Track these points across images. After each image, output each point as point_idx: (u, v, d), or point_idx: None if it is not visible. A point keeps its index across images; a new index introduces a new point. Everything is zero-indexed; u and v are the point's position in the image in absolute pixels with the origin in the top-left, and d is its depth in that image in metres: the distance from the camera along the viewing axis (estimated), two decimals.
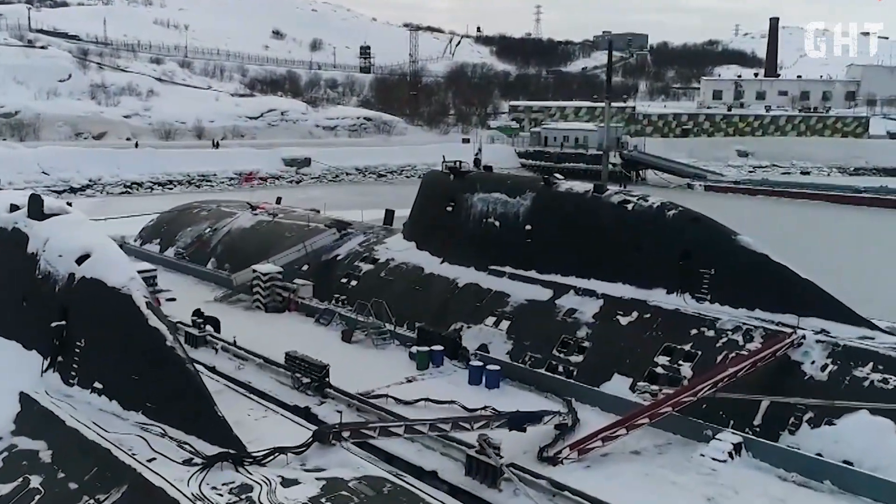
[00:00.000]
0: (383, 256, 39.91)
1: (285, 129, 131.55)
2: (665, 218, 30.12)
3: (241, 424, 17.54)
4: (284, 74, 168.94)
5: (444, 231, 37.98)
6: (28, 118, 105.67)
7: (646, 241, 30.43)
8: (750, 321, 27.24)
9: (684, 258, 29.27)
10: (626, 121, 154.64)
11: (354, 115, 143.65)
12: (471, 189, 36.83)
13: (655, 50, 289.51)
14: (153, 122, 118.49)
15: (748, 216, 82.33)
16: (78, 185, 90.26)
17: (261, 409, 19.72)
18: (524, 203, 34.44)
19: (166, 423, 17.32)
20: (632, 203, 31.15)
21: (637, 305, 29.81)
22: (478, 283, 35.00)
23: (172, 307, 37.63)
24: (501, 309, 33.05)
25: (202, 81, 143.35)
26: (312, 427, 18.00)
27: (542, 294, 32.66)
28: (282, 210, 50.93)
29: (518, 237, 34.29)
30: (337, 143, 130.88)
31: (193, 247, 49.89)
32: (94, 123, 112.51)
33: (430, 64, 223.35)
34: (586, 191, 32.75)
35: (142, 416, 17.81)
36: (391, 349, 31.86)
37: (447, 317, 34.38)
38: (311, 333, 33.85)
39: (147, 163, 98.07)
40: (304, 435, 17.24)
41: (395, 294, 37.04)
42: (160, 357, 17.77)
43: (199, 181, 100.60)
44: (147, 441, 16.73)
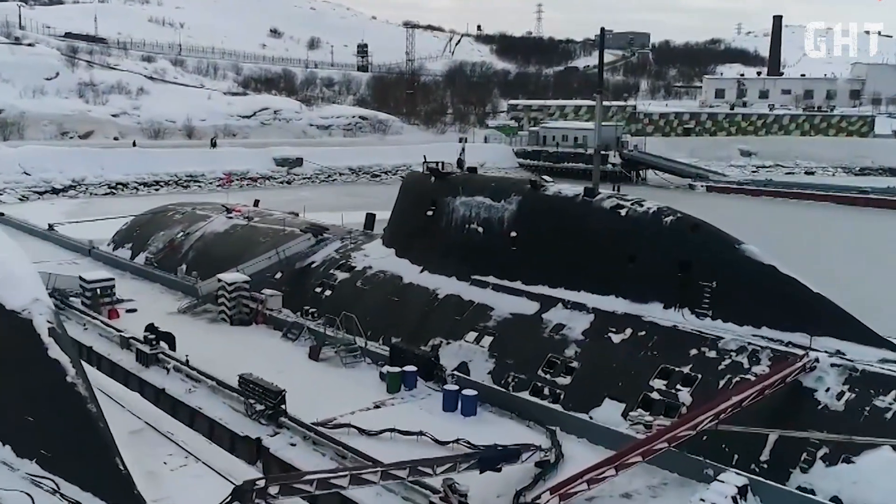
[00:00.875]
0: (360, 264, 37.14)
1: (278, 128, 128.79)
2: (662, 225, 27.30)
3: (153, 477, 14.87)
4: (280, 73, 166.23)
5: (425, 237, 35.21)
6: (12, 117, 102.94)
7: (641, 251, 27.63)
8: (756, 341, 24.42)
9: (683, 269, 26.45)
10: (626, 120, 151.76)
11: (349, 113, 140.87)
12: (453, 192, 34.05)
13: (657, 49, 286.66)
14: (142, 121, 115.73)
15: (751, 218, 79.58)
16: (60, 186, 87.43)
17: (181, 455, 16.98)
18: (509, 208, 31.65)
19: (61, 476, 14.59)
20: (625, 208, 28.35)
21: (631, 321, 27.00)
22: (459, 294, 32.21)
23: (132, 319, 35.00)
24: (484, 323, 30.26)
25: (194, 80, 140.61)
26: (236, 480, 15.21)
27: (527, 307, 29.87)
28: (258, 213, 48.17)
29: (502, 245, 31.50)
30: (331, 143, 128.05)
31: (164, 252, 47.12)
32: (81, 122, 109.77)
33: (429, 63, 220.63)
34: (576, 194, 29.95)
35: (35, 465, 15.05)
36: (361, 368, 29.06)
37: (425, 331, 31.61)
38: (277, 350, 31.07)
39: (133, 163, 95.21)
40: (225, 490, 14.48)
41: (370, 306, 34.30)
42: (58, 394, 14.99)
43: (187, 181, 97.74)
44: (33, 500, 13.96)
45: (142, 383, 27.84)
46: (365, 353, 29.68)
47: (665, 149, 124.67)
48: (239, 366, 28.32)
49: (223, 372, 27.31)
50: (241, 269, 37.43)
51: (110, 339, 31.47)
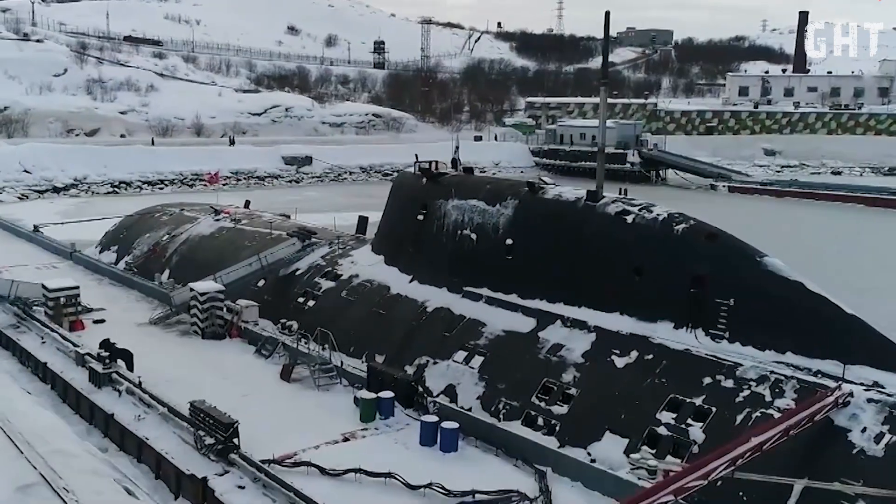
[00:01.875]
0: (347, 272, 34.24)
1: (289, 125, 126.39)
2: (673, 233, 24.12)
3: None
4: (294, 70, 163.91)
5: (415, 244, 32.26)
6: (17, 114, 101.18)
7: (648, 263, 24.46)
8: (779, 369, 21.20)
9: (696, 285, 23.26)
10: (647, 118, 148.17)
11: (363, 111, 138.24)
12: (445, 195, 31.03)
13: (680, 46, 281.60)
14: (150, 119, 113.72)
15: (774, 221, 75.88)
16: (62, 185, 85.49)
17: None
18: (504, 212, 28.58)
19: None
20: (632, 214, 25.18)
21: (637, 343, 23.85)
22: (449, 307, 29.19)
23: (97, 331, 32.31)
24: (474, 341, 27.22)
25: (206, 77, 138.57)
26: None
27: (523, 324, 26.79)
28: (247, 215, 45.43)
29: (497, 253, 28.45)
30: (343, 141, 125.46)
31: (147, 256, 44.54)
32: (87, 119, 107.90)
33: (447, 60, 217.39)
34: (577, 198, 26.82)
35: None
36: (336, 391, 26.13)
37: (411, 349, 28.64)
38: (247, 368, 28.22)
39: (137, 161, 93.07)
40: None
41: (354, 319, 31.42)
42: None
43: (192, 180, 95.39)
44: None
45: (92, 407, 25.08)
46: (341, 373, 26.74)
47: (686, 148, 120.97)
48: (201, 387, 25.68)
49: (182, 394, 24.53)
50: (219, 277, 34.67)
51: (67, 354, 28.74)
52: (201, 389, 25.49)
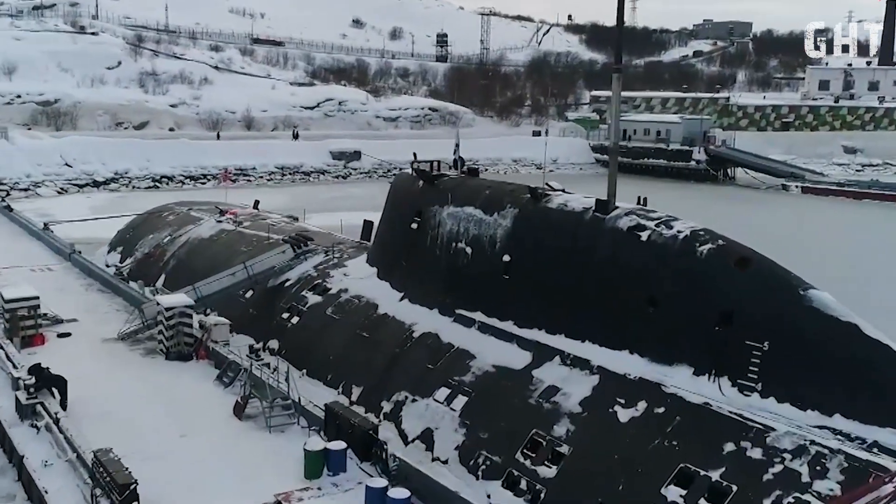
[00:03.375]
0: (336, 286, 30.33)
1: (341, 119, 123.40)
2: (695, 255, 19.34)
3: None
4: (353, 63, 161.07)
5: (408, 256, 28.12)
6: (66, 106, 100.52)
7: (665, 291, 19.77)
8: (823, 438, 16.35)
9: (723, 322, 18.50)
10: (717, 113, 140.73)
11: (419, 105, 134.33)
12: (441, 200, 26.78)
13: (759, 38, 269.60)
14: (200, 112, 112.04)
15: (848, 227, 69.22)
16: (102, 179, 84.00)
17: None
18: (502, 223, 24.17)
19: None
20: (648, 230, 20.49)
21: (647, 391, 19.22)
22: (437, 333, 24.97)
23: (58, 347, 29.16)
24: (460, 377, 22.92)
25: (262, 70, 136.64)
26: None
27: (516, 358, 22.39)
28: (252, 217, 41.95)
29: (493, 271, 24.08)
30: (397, 136, 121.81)
31: (145, 259, 41.55)
32: (136, 112, 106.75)
33: (513, 53, 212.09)
34: (585, 208, 22.20)
35: None
36: (292, 434, 22.15)
37: (391, 381, 24.55)
38: (200, 400, 24.48)
39: (180, 155, 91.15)
40: None
41: (336, 340, 27.54)
42: None
43: (236, 175, 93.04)
44: None
45: (10, 445, 21.71)
46: (300, 411, 22.76)
47: (759, 144, 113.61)
48: (137, 424, 22.25)
49: (108, 434, 21.02)
50: (197, 288, 31.18)
51: (7, 375, 25.53)
52: (135, 427, 22.08)
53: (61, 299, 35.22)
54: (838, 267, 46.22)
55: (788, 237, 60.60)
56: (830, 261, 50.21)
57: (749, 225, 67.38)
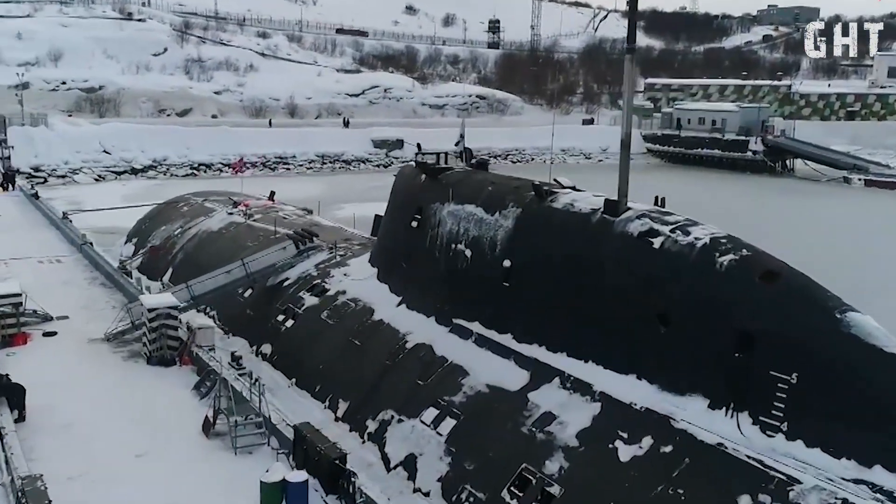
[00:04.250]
0: (335, 287, 28.10)
1: (386, 107, 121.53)
2: (714, 268, 16.48)
3: None
4: (402, 50, 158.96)
5: (407, 257, 25.70)
6: (110, 93, 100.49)
7: (679, 307, 16.97)
8: (858, 495, 13.46)
9: (744, 347, 15.65)
10: (779, 101, 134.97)
11: (466, 92, 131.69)
12: (442, 197, 24.28)
13: (827, 23, 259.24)
14: (244, 99, 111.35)
15: None
16: (140, 166, 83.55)
17: None
18: (503, 224, 21.56)
19: None
20: (661, 236, 17.67)
21: (653, 424, 16.49)
22: (431, 345, 22.51)
23: (41, 347, 27.48)
24: (450, 397, 20.44)
25: (308, 56, 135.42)
26: None
27: (512, 378, 19.81)
28: (265, 209, 39.99)
29: (493, 278, 21.50)
30: (442, 124, 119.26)
31: (154, 252, 39.97)
32: (180, 99, 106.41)
33: (567, 40, 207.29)
34: (593, 209, 19.45)
35: None
36: (260, 456, 19.87)
37: (378, 397, 22.22)
38: (171, 412, 22.39)
39: (220, 143, 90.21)
40: None
41: (327, 348, 25.33)
42: None
43: (275, 164, 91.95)
44: None
45: None
46: (272, 431, 20.53)
47: (821, 134, 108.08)
48: (93, 440, 20.30)
49: (60, 453, 19.21)
50: (191, 286, 29.24)
51: None
52: (92, 443, 20.16)
53: (60, 294, 33.76)
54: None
55: (845, 235, 56.57)
56: (892, 265, 46.35)
57: (802, 220, 63.42)
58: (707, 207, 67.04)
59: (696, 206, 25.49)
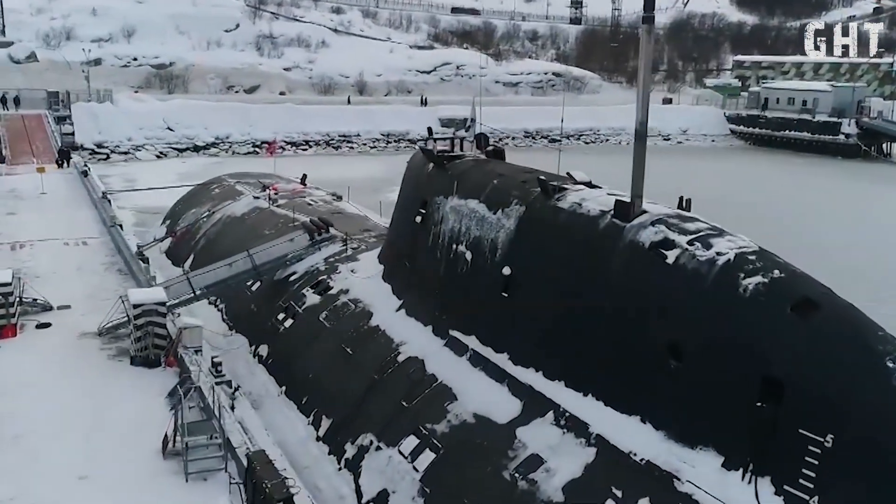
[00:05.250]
0: (338, 285, 25.58)
1: (458, 84, 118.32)
2: (737, 292, 13.16)
3: None
4: (479, 25, 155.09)
5: (410, 256, 22.96)
6: (179, 69, 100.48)
7: (692, 339, 13.74)
8: None
9: (769, 396, 12.37)
10: (879, 80, 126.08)
11: (541, 69, 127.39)
12: (447, 189, 21.40)
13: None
14: (313, 76, 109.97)
15: None
16: (202, 144, 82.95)
17: None
18: (506, 224, 18.55)
19: None
20: (677, 248, 14.40)
21: (654, 483, 13.38)
22: (423, 360, 19.75)
23: (30, 340, 25.83)
24: (433, 424, 17.66)
25: (382, 33, 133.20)
26: None
27: (503, 407, 16.89)
28: (293, 193, 37.77)
29: (492, 286, 18.55)
30: (515, 102, 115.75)
31: (181, 237, 38.31)
32: (249, 76, 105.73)
33: (655, 14, 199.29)
34: (603, 211, 16.24)
35: None
36: (213, 484, 17.46)
37: (361, 416, 19.64)
38: (134, 425, 20.20)
39: (284, 121, 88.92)
40: None
41: (319, 354, 22.87)
42: None
43: (339, 142, 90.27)
44: None
45: None
46: (232, 454, 18.13)
47: None
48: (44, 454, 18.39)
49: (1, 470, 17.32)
50: (191, 279, 27.19)
51: None
52: (37, 460, 18.12)
53: (72, 280, 32.27)
54: None
55: None
56: None
57: (886, 213, 57.76)
58: (780, 198, 62.06)
59: (769, 195, 22.32)
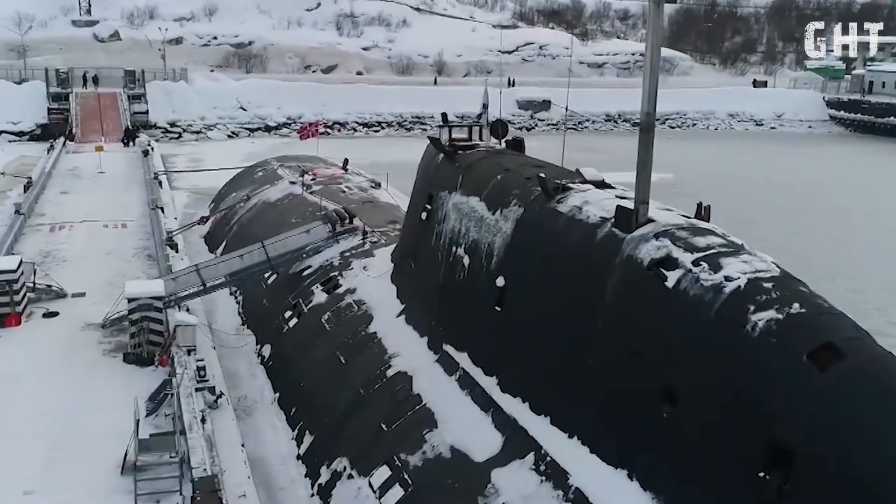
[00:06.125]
0: (347, 283, 23.61)
1: (540, 65, 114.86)
2: (743, 330, 10.42)
3: None
4: (567, 4, 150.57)
5: (415, 256, 20.77)
6: (257, 49, 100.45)
7: (690, 383, 11.09)
8: None
9: (775, 465, 9.70)
10: None
11: (629, 50, 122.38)
12: (451, 183, 19.07)
13: None
14: (392, 56, 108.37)
15: None
16: (274, 124, 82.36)
17: None
18: (503, 228, 16.14)
19: None
20: (680, 269, 11.69)
21: None
22: (412, 377, 17.57)
23: (34, 330, 24.88)
24: (408, 455, 15.47)
25: (466, 11, 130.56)
26: None
27: (482, 441, 14.57)
28: (331, 179, 35.97)
29: (486, 298, 16.18)
30: (600, 84, 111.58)
31: (218, 221, 37.19)
32: (326, 55, 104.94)
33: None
34: (603, 218, 13.63)
35: None
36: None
37: (341, 436, 17.65)
38: (103, 432, 18.74)
39: (358, 100, 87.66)
40: None
41: (314, 361, 20.98)
42: None
43: (412, 124, 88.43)
44: None
45: None
46: (188, 476, 16.36)
47: None
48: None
49: None
50: (201, 270, 25.67)
51: None
52: None
53: (98, 265, 31.55)
54: None
55: None
56: None
57: None
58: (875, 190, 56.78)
59: (863, 185, 18.50)
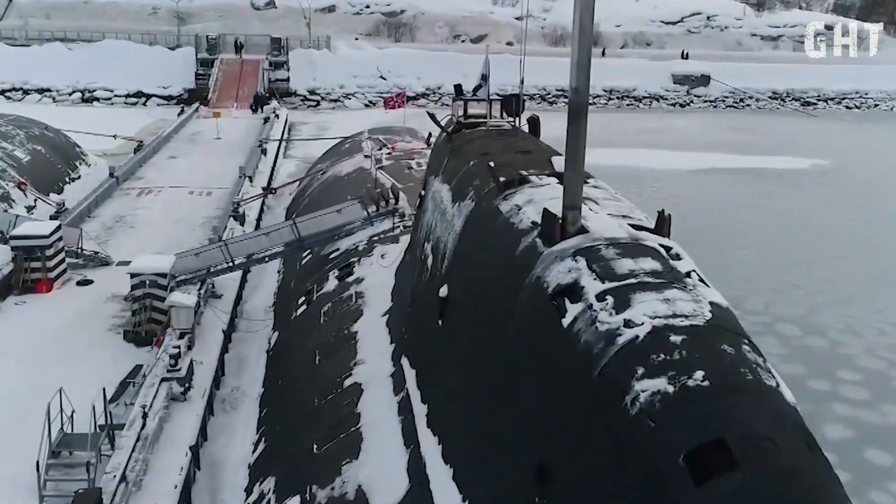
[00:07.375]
0: (360, 271, 21.45)
1: (706, 37, 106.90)
2: (620, 405, 7.21)
3: None
4: None
5: (410, 248, 18.22)
6: (408, 17, 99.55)
7: (562, 469, 7.99)
8: None
9: None
10: None
11: (809, 21, 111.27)
12: (438, 167, 16.37)
13: None
14: (545, 26, 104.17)
15: None
16: (412, 94, 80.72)
17: None
18: (455, 225, 13.31)
19: None
20: (582, 302, 8.48)
21: None
22: (364, 390, 15.14)
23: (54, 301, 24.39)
24: (319, 489, 13.10)
25: None
26: None
27: (390, 485, 11.99)
28: (408, 154, 33.83)
29: (431, 307, 13.45)
30: (770, 58, 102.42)
31: (299, 193, 36.14)
32: (477, 25, 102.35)
33: None
34: (534, 223, 10.47)
35: None
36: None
37: (284, 451, 15.62)
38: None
39: (501, 72, 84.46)
40: None
41: (296, 358, 19.00)
42: None
43: (554, 97, 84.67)
44: None
45: None
46: (100, 480, 14.73)
47: None
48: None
49: None
50: (228, 246, 24.25)
51: None
52: None
53: (161, 232, 31.37)
54: None
55: None
56: None
57: None
58: None
59: None
